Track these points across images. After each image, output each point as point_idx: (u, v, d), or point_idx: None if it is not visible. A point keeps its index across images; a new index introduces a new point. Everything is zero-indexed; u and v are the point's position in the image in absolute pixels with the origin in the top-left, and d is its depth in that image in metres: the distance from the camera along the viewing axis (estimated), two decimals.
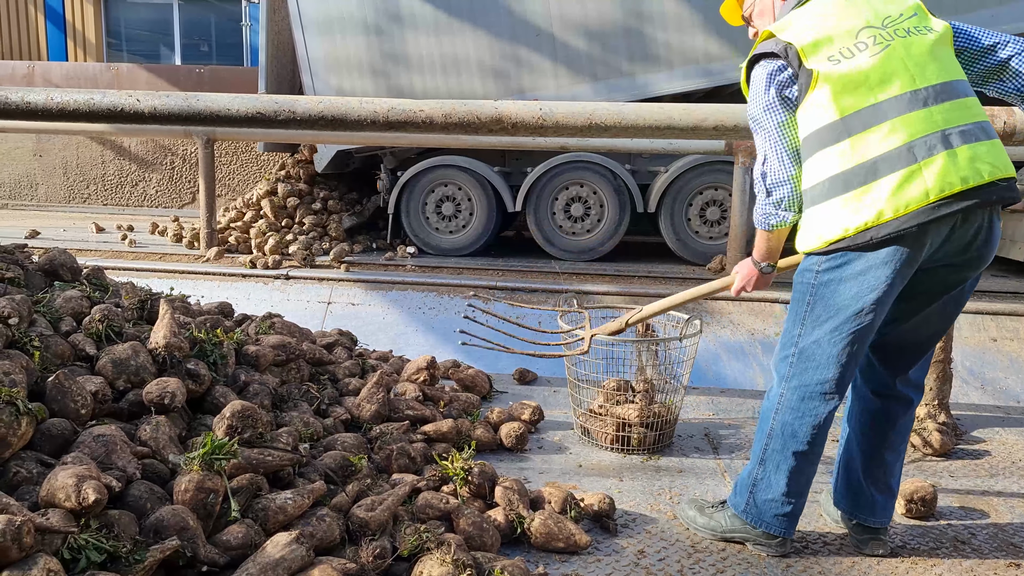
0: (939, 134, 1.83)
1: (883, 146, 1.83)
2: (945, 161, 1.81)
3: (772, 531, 2.12)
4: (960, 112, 1.86)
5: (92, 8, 12.34)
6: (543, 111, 3.02)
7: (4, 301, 2.26)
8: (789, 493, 2.08)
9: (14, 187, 9.87)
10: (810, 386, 2.01)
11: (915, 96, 1.84)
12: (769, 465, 2.09)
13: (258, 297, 5.84)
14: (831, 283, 1.95)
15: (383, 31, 6.50)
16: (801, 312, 2.02)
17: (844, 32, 1.90)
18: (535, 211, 6.81)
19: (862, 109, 1.85)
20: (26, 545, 1.45)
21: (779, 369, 2.09)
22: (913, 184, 1.81)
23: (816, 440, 2.04)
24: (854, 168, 1.85)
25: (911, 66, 1.86)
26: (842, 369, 1.98)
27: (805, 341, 2.01)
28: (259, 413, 2.13)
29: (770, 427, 2.09)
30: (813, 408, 2.02)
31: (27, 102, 3.07)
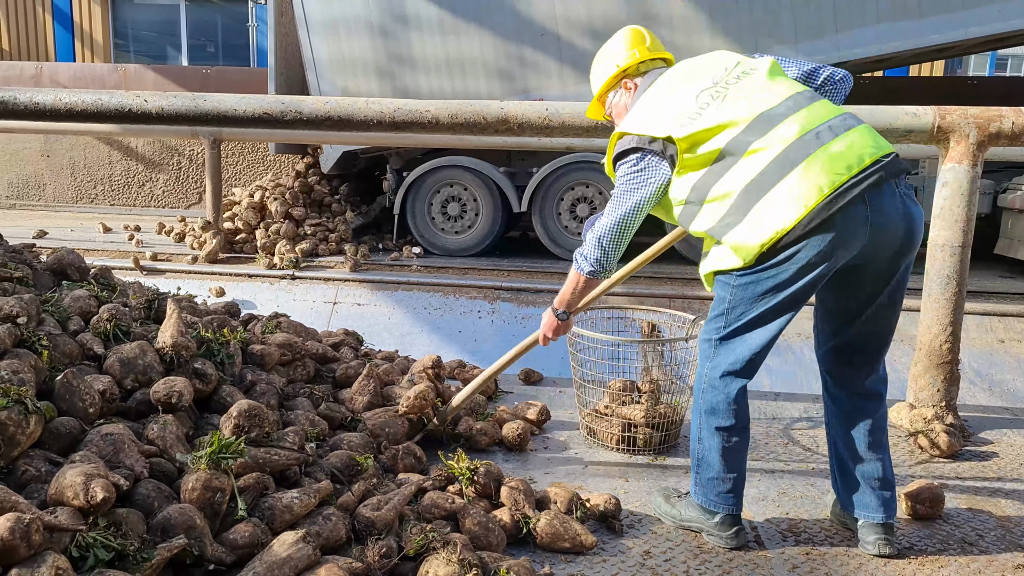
0: (809, 135, 1.95)
1: (762, 161, 1.96)
2: (824, 157, 1.93)
3: (716, 508, 2.21)
4: (820, 112, 2.01)
5: (99, 9, 12.40)
6: (549, 111, 3.03)
7: (13, 300, 2.28)
8: (726, 468, 2.18)
9: (22, 187, 9.92)
10: (724, 366, 2.14)
11: (771, 115, 1.99)
12: (704, 444, 2.20)
13: (264, 297, 5.86)
14: (749, 286, 2.05)
15: (388, 32, 6.52)
16: (722, 308, 2.13)
17: (684, 102, 2.08)
18: (541, 211, 6.81)
19: (729, 144, 1.99)
20: (35, 543, 1.46)
21: (702, 350, 2.21)
22: (806, 183, 1.91)
23: (736, 416, 2.15)
24: (746, 188, 1.97)
25: (755, 98, 2.03)
26: (755, 354, 2.11)
27: (725, 332, 2.14)
28: (266, 412, 2.14)
29: (700, 408, 2.21)
30: (726, 384, 2.14)
31: (36, 102, 3.10)
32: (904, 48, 5.97)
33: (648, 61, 2.33)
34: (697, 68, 2.17)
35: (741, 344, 2.11)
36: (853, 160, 1.93)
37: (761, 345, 2.10)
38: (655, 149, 2.10)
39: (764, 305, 2.04)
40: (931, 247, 3.08)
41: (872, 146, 1.97)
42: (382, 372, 3.09)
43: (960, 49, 7.01)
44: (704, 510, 2.23)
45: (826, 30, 5.97)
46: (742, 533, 2.22)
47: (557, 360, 4.78)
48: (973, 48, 7.31)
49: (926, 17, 5.81)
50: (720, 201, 2.02)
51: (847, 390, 2.23)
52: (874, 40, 5.94)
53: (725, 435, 2.16)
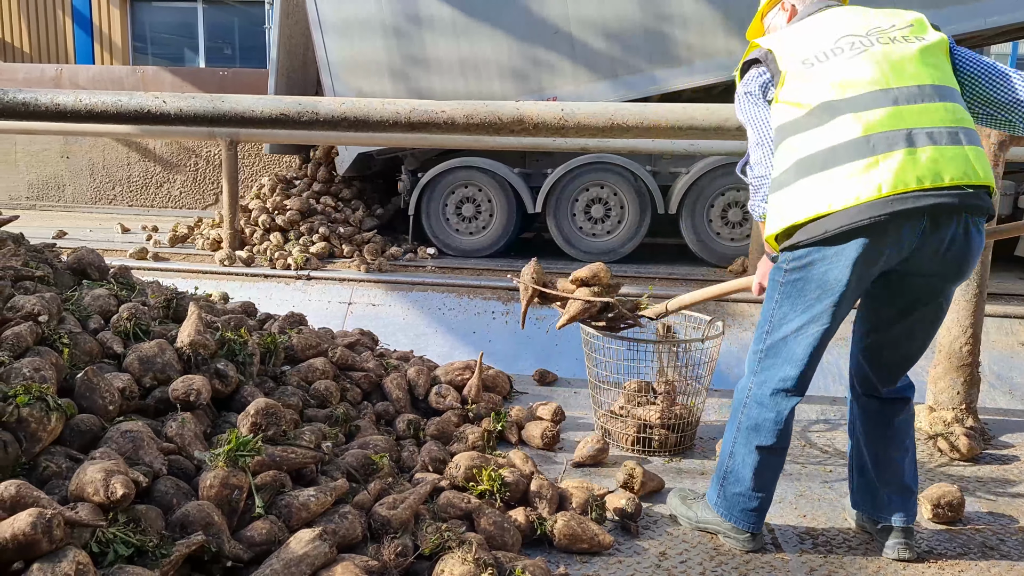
0: (903, 132, 1.82)
1: (843, 135, 1.85)
2: (904, 158, 1.80)
3: (739, 525, 2.16)
4: (932, 115, 1.85)
5: (118, 12, 12.53)
6: (565, 112, 3.02)
7: (35, 299, 2.30)
8: (756, 487, 2.11)
9: (42, 188, 10.04)
10: (773, 382, 2.06)
11: (885, 94, 1.86)
12: (737, 458, 2.13)
13: (280, 297, 5.89)
14: (797, 283, 1.99)
15: (402, 33, 6.53)
16: (770, 310, 2.07)
17: (823, 38, 1.97)
18: (555, 213, 6.80)
19: (829, 102, 1.89)
20: (56, 538, 1.48)
21: (749, 364, 2.14)
22: (867, 176, 1.82)
23: (780, 436, 2.07)
24: (814, 155, 1.89)
25: (886, 68, 1.88)
26: (803, 367, 2.02)
27: (772, 338, 2.06)
28: (283, 411, 2.15)
29: (739, 421, 2.13)
30: (775, 404, 2.06)
31: (57, 104, 3.13)
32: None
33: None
34: (865, 15, 2.00)
35: (788, 355, 2.02)
36: (928, 174, 1.79)
37: (808, 355, 2.01)
38: (771, 69, 2.01)
39: (811, 309, 1.96)
40: None
41: (962, 170, 1.81)
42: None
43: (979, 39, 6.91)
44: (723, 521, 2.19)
45: None
46: (759, 536, 2.20)
47: (572, 361, 4.78)
48: (992, 39, 7.21)
49: (943, 8, 5.73)
50: (787, 153, 1.94)
51: (871, 392, 2.19)
52: None
53: (764, 454, 2.09)
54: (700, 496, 2.34)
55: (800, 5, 2.16)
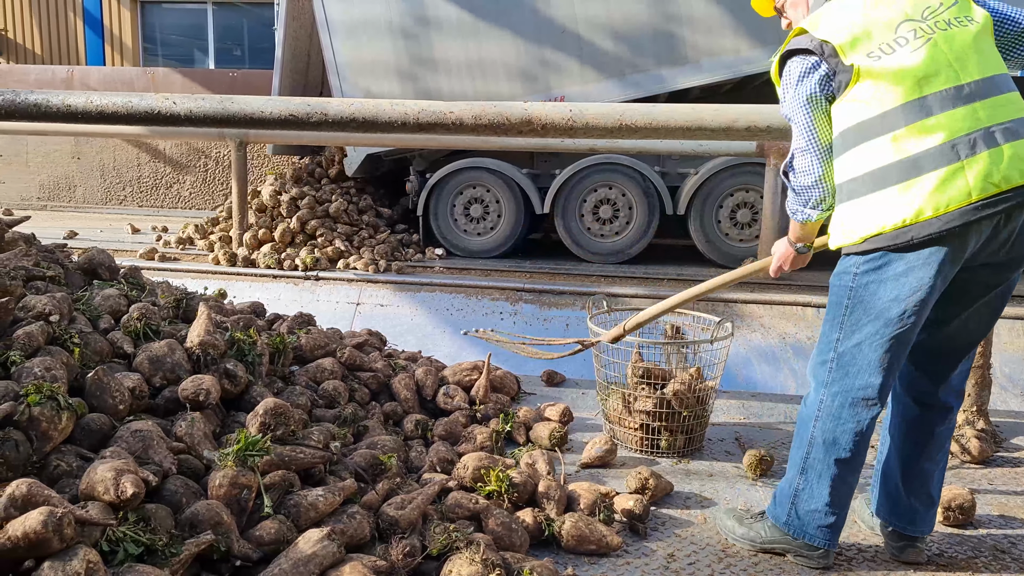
0: (982, 131, 1.78)
1: (925, 143, 1.79)
2: (988, 160, 1.77)
3: (815, 543, 2.06)
4: (1003, 108, 1.82)
5: (129, 14, 12.60)
6: (573, 112, 3.01)
7: (46, 299, 2.32)
8: (832, 503, 2.02)
9: (53, 188, 10.11)
10: (851, 392, 1.95)
11: (958, 92, 1.80)
12: (811, 474, 2.03)
13: (288, 298, 5.91)
14: (870, 285, 1.90)
15: (409, 34, 6.54)
16: (839, 316, 1.97)
17: (882, 26, 1.85)
18: (563, 213, 6.80)
19: (904, 104, 1.81)
20: (67, 536, 1.49)
21: (817, 375, 2.03)
22: (956, 183, 1.77)
23: (858, 448, 1.98)
24: (894, 164, 1.81)
25: (953, 61, 1.81)
26: (884, 374, 1.92)
27: (845, 346, 1.96)
28: (291, 411, 2.15)
29: (810, 435, 2.02)
30: (855, 415, 1.95)
31: (68, 105, 3.15)
32: None
33: None
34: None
35: (865, 363, 1.92)
36: (1015, 173, 1.77)
37: (889, 361, 1.90)
38: (831, 63, 1.86)
39: (887, 313, 1.87)
40: None
41: None
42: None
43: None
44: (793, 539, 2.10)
45: None
46: (831, 553, 2.09)
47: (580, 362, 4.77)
48: None
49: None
50: (866, 160, 1.84)
51: (915, 397, 2.11)
52: None
53: (844, 468, 1.98)
54: (759, 514, 2.23)
55: None
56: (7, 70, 10.48)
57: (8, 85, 9.75)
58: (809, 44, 1.90)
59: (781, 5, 2.22)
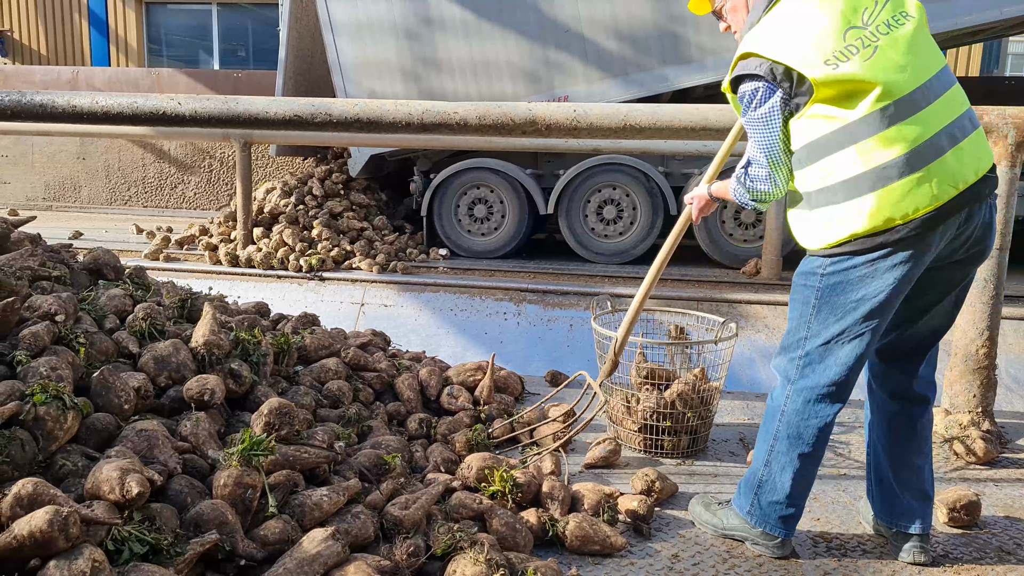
0: (941, 133, 1.84)
1: (890, 153, 1.83)
2: (947, 163, 1.84)
3: (775, 532, 2.13)
4: (954, 106, 1.89)
5: (134, 14, 12.64)
6: (577, 113, 3.02)
7: (51, 299, 2.33)
8: (793, 495, 2.08)
9: (58, 189, 10.14)
10: (817, 388, 2.01)
11: (912, 99, 1.83)
12: (775, 467, 2.09)
13: (293, 298, 5.92)
14: (838, 286, 1.94)
15: (413, 34, 6.55)
16: (807, 314, 2.01)
17: (830, 37, 1.85)
18: (567, 214, 6.80)
19: (865, 116, 1.82)
20: (72, 536, 1.49)
21: (784, 371, 2.09)
22: (921, 190, 1.82)
23: (820, 443, 2.05)
24: (863, 175, 1.85)
25: (904, 66, 1.84)
26: (848, 372, 1.98)
27: (812, 344, 2.01)
28: (296, 411, 2.16)
29: (776, 429, 2.08)
30: (819, 411, 2.01)
31: (73, 105, 3.16)
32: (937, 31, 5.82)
33: None
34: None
35: (832, 360, 1.97)
36: (970, 172, 1.85)
37: (854, 360, 1.96)
38: (784, 87, 1.87)
39: (853, 313, 1.92)
40: None
41: (984, 158, 1.91)
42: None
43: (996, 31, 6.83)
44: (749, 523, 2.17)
45: None
46: (788, 542, 2.15)
47: (584, 362, 4.77)
48: (1009, 30, 7.12)
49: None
50: (834, 171, 1.87)
51: (891, 393, 2.16)
52: None
53: (806, 462, 2.05)
54: (725, 502, 2.30)
55: None
56: (13, 71, 10.52)
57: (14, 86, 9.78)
58: (758, 69, 1.90)
59: (720, 8, 2.21)
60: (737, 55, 1.97)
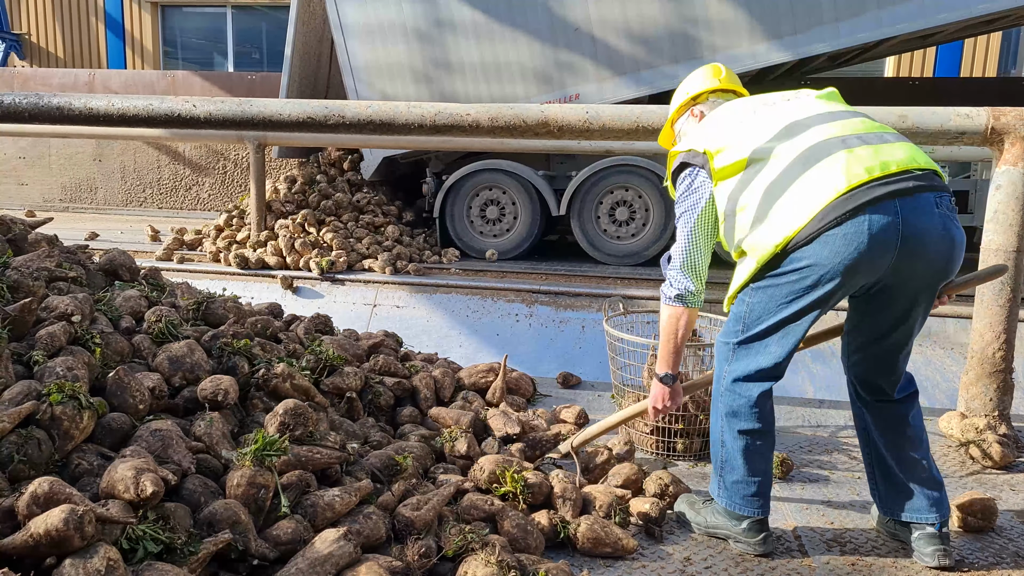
0: (836, 139, 1.95)
1: (783, 162, 1.96)
2: (845, 158, 1.91)
3: (743, 512, 2.16)
4: (856, 126, 2.00)
5: (150, 18, 12.76)
6: (589, 114, 3.02)
7: (68, 299, 2.35)
8: (750, 472, 2.14)
9: (75, 190, 10.24)
10: (745, 371, 2.11)
11: (806, 124, 2.00)
12: (728, 447, 2.17)
13: (306, 299, 5.95)
14: (767, 289, 2.04)
15: (425, 36, 6.57)
16: (741, 311, 2.12)
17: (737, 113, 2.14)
18: (579, 215, 6.79)
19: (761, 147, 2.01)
20: (88, 534, 1.50)
21: (720, 352, 2.19)
22: (820, 182, 1.90)
23: (759, 418, 2.11)
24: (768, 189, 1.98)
25: (797, 110, 2.06)
26: (777, 360, 2.08)
27: (743, 336, 2.11)
28: (309, 411, 2.17)
29: (719, 409, 2.17)
30: (746, 390, 2.11)
31: (90, 108, 3.19)
32: (952, 20, 5.75)
33: (720, 92, 2.37)
34: (764, 96, 2.20)
35: (762, 350, 2.08)
36: (876, 164, 1.90)
37: (783, 354, 2.07)
38: (699, 163, 2.13)
39: (784, 311, 2.02)
40: (984, 252, 2.99)
41: (906, 158, 1.93)
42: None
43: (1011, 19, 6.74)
44: (731, 515, 2.19)
45: (868, 6, 5.79)
46: (770, 539, 2.18)
47: (595, 364, 4.77)
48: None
49: None
50: (746, 209, 2.03)
51: (877, 399, 2.20)
52: (919, 14, 5.74)
53: (748, 438, 2.13)
54: (709, 500, 2.32)
55: (707, 108, 2.33)
56: (31, 74, 10.64)
57: (32, 88, 9.89)
58: (682, 159, 2.19)
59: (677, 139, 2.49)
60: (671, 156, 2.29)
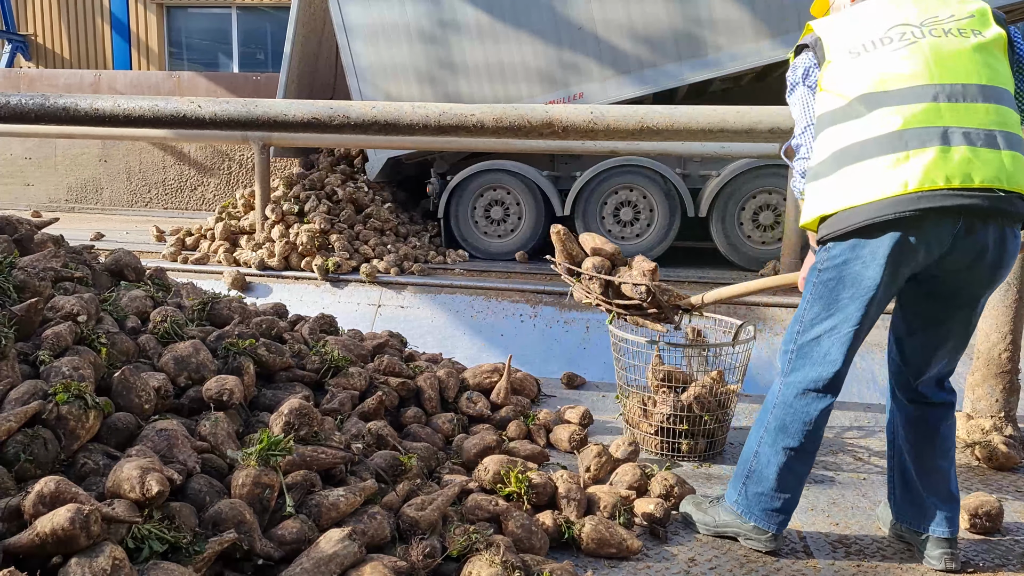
0: (939, 129, 1.79)
1: (878, 128, 1.84)
2: (935, 156, 1.77)
3: (761, 525, 2.13)
4: (975, 116, 1.80)
5: (155, 19, 12.80)
6: (594, 115, 3.01)
7: (74, 299, 2.36)
8: (779, 488, 2.09)
9: (80, 191, 10.28)
10: (804, 383, 2.04)
11: (925, 90, 1.82)
12: (762, 458, 2.11)
13: (310, 299, 5.96)
14: (829, 282, 1.98)
15: (428, 37, 6.58)
16: (802, 310, 2.06)
17: (875, 26, 1.91)
18: (584, 215, 6.79)
19: (869, 94, 1.86)
20: (93, 533, 1.51)
21: (781, 363, 2.13)
22: (895, 171, 1.80)
23: (808, 437, 2.05)
24: (849, 147, 1.88)
25: (932, 62, 1.83)
26: (835, 368, 2.00)
27: (803, 339, 2.05)
28: (314, 412, 2.17)
29: (767, 421, 2.11)
30: (805, 405, 2.03)
31: (96, 108, 3.20)
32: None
33: None
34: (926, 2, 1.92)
35: (820, 356, 2.00)
36: (958, 174, 1.76)
37: (842, 356, 1.99)
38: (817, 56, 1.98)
39: (843, 308, 1.95)
40: None
41: (995, 174, 1.77)
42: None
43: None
44: (740, 517, 2.17)
45: None
46: (780, 537, 2.16)
47: (600, 364, 4.77)
48: None
49: None
50: (825, 143, 1.93)
51: (911, 398, 2.14)
52: None
53: (791, 455, 2.06)
54: (716, 499, 2.30)
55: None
56: (37, 74, 10.68)
57: (38, 89, 9.93)
58: (808, 39, 2.04)
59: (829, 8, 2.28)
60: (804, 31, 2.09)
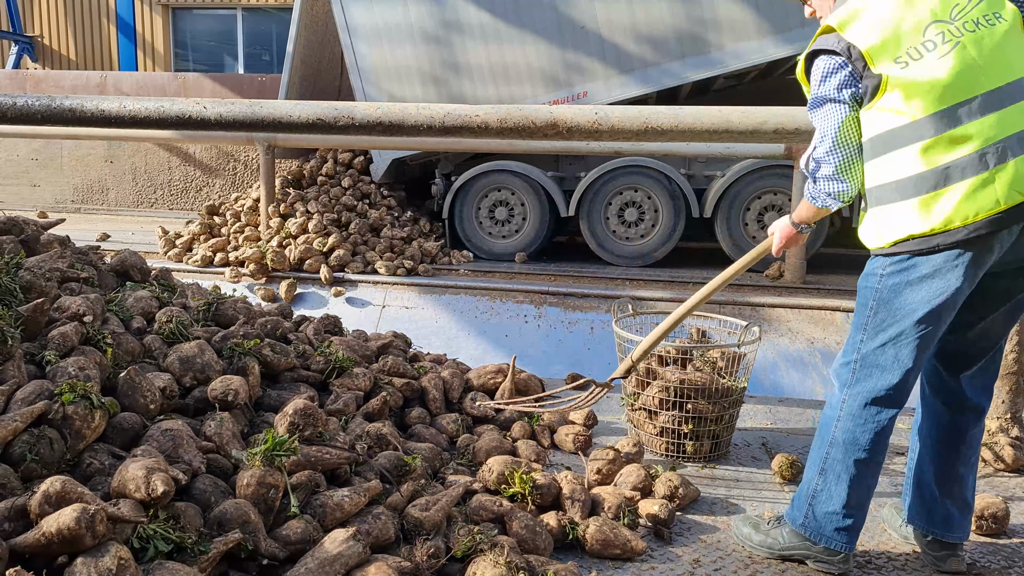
0: (1013, 137, 1.78)
1: (955, 154, 1.79)
2: (1015, 168, 1.77)
3: (832, 546, 2.04)
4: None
5: (161, 20, 12.83)
6: (599, 116, 3.01)
7: (80, 300, 2.37)
8: (850, 505, 2.00)
9: (86, 192, 10.31)
10: (872, 392, 1.96)
11: (986, 100, 1.79)
12: (830, 475, 2.02)
13: (315, 300, 5.96)
14: (896, 287, 1.91)
15: (432, 38, 6.58)
16: (864, 317, 1.98)
17: (910, 29, 1.82)
18: (588, 216, 6.78)
19: (933, 114, 1.80)
20: (99, 533, 1.51)
21: (840, 376, 2.04)
22: (984, 192, 1.78)
23: (878, 448, 1.98)
24: (924, 173, 1.82)
25: (983, 65, 1.80)
26: (905, 375, 1.93)
27: (868, 347, 1.97)
28: (319, 412, 2.17)
29: (831, 436, 2.02)
30: (875, 415, 1.96)
31: (101, 110, 3.21)
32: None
33: None
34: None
35: (887, 364, 1.93)
36: (1004, 193, 1.77)
37: (911, 364, 1.91)
38: (857, 67, 1.84)
39: (911, 316, 1.88)
40: None
41: None
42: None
43: None
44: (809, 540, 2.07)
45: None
46: (850, 556, 2.07)
47: (604, 365, 4.76)
48: None
49: None
50: (894, 169, 1.85)
51: (945, 400, 2.10)
52: None
53: (863, 469, 1.98)
54: (775, 520, 2.20)
55: None
56: (43, 76, 10.72)
57: (44, 90, 9.97)
58: (835, 45, 1.88)
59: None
60: (819, 30, 1.95)
